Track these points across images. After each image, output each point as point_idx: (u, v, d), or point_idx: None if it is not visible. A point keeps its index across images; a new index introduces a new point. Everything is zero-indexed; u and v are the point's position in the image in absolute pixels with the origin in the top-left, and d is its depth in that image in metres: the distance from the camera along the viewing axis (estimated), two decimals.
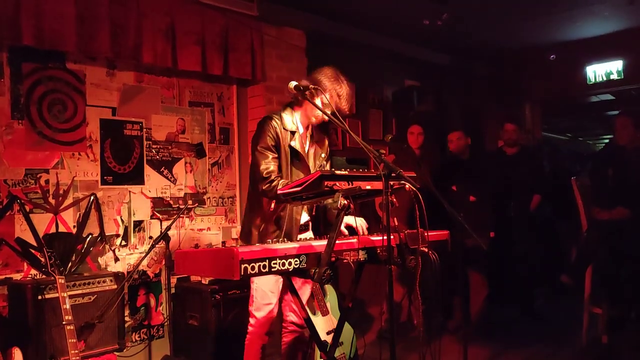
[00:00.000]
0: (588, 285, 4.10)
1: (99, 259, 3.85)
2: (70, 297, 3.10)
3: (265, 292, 2.83)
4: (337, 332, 2.66)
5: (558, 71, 6.34)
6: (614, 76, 6.04)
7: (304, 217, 2.94)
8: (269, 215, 2.78)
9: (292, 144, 2.80)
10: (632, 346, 3.91)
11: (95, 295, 3.42)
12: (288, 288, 2.43)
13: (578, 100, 8.18)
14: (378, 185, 2.20)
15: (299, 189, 2.18)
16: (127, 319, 3.86)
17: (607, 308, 4.01)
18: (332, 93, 2.73)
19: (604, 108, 8.70)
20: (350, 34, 5.24)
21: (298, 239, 2.80)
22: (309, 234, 2.98)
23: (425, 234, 2.31)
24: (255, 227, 2.82)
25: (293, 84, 2.59)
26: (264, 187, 2.68)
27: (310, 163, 2.91)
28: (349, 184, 2.17)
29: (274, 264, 1.96)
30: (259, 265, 1.91)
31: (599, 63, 6.11)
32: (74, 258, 3.62)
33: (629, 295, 3.90)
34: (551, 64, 6.20)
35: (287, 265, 2.01)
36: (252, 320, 2.88)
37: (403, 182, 2.18)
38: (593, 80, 6.21)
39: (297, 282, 2.84)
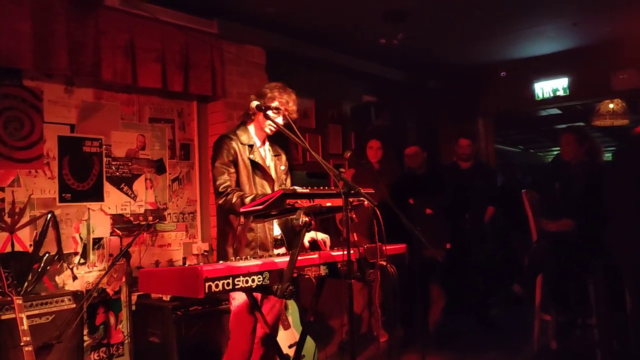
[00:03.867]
0: (538, 294, 4.28)
1: (57, 278, 3.79)
2: (28, 317, 3.04)
3: (243, 308, 2.82)
4: (299, 345, 2.72)
5: (509, 87, 6.60)
6: (560, 92, 6.32)
7: (276, 230, 2.97)
8: (240, 230, 2.82)
9: (251, 157, 2.87)
10: (579, 351, 4.10)
11: (53, 315, 3.37)
12: (251, 305, 2.47)
13: (528, 115, 8.53)
14: (338, 202, 2.28)
15: (261, 207, 2.24)
16: (85, 338, 3.80)
17: (556, 315, 4.20)
18: (282, 101, 2.85)
19: (552, 122, 9.10)
20: (309, 51, 5.34)
21: (275, 253, 2.83)
22: (283, 250, 2.98)
23: (384, 248, 2.40)
24: (229, 245, 2.85)
25: (255, 103, 2.74)
26: (220, 202, 2.74)
27: (273, 174, 2.97)
28: (310, 202, 2.25)
29: (237, 281, 2.01)
30: (223, 283, 1.96)
31: (546, 80, 6.39)
32: (30, 277, 3.56)
33: (575, 303, 4.10)
34: (502, 81, 6.45)
35: (250, 282, 2.06)
36: (231, 337, 2.87)
37: (362, 198, 2.27)
38: (541, 96, 6.48)
39: (272, 298, 2.87)
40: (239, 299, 2.83)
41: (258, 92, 2.93)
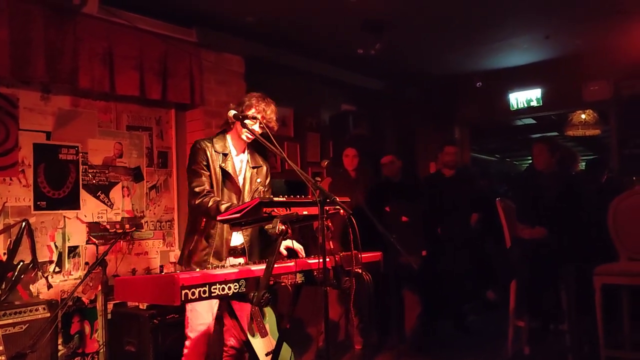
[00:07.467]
0: (512, 300, 4.34)
1: (31, 287, 3.75)
2: (1, 326, 3.01)
3: (199, 312, 2.84)
4: (275, 353, 2.73)
5: (484, 97, 6.74)
6: (534, 103, 6.47)
7: (238, 240, 2.96)
8: (200, 233, 2.85)
9: (223, 165, 2.89)
10: (551, 357, 4.18)
11: (27, 324, 3.34)
12: (227, 312, 2.48)
13: (503, 124, 8.70)
14: (314, 210, 2.31)
15: (238, 215, 2.26)
16: (60, 347, 3.76)
17: (529, 321, 4.28)
18: (259, 109, 2.88)
19: (527, 131, 9.29)
20: (288, 60, 5.40)
21: (231, 263, 2.83)
22: (242, 260, 2.95)
23: (359, 255, 2.44)
24: (186, 246, 2.89)
25: (232, 113, 2.76)
26: (196, 202, 2.76)
27: (244, 185, 2.97)
28: (286, 210, 2.28)
29: (213, 289, 2.02)
30: (200, 291, 1.97)
31: (520, 91, 6.54)
32: (4, 286, 3.50)
33: (547, 309, 4.18)
34: (478, 91, 6.58)
35: (226, 290, 2.07)
36: (187, 343, 2.87)
37: (338, 207, 2.31)
38: (516, 106, 6.62)
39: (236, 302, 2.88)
40: (191, 303, 2.83)
41: (238, 101, 2.97)
